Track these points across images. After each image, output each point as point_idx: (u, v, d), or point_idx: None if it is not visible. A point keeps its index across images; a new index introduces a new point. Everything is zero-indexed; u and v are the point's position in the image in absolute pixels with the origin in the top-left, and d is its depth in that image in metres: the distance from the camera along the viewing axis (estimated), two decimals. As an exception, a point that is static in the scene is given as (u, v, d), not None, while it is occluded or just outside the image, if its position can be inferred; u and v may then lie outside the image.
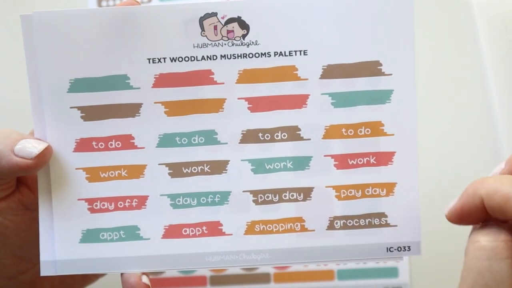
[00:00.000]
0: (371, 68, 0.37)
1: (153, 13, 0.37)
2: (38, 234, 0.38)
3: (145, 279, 0.38)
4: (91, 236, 0.38)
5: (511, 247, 0.31)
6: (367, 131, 0.38)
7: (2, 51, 0.59)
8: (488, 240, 0.31)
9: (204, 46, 0.37)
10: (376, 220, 0.38)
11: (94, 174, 0.38)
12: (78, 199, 0.38)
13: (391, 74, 0.37)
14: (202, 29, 0.37)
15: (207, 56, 0.37)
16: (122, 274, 0.38)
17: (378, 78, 0.38)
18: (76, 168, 0.38)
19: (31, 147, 0.36)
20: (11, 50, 0.58)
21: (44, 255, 0.38)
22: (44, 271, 0.38)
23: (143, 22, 0.37)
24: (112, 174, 0.38)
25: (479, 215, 0.33)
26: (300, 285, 0.58)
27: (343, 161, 0.38)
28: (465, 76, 0.56)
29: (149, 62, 0.37)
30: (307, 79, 0.38)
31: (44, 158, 0.37)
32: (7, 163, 0.36)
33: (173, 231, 0.38)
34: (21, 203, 0.39)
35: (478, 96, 0.56)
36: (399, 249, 0.38)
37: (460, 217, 0.34)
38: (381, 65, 0.37)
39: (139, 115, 0.38)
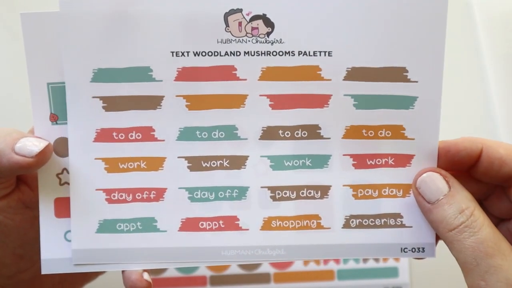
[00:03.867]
0: (397, 74, 0.37)
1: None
2: (38, 232, 0.38)
3: (146, 276, 0.38)
4: (108, 226, 0.38)
5: None
6: (388, 133, 0.38)
7: (3, 51, 0.59)
8: None
9: (228, 41, 0.37)
10: (392, 221, 0.38)
11: (113, 165, 0.38)
12: (96, 189, 0.38)
13: (417, 82, 0.37)
14: (227, 24, 0.37)
15: (231, 52, 0.37)
16: (123, 271, 0.38)
17: (403, 84, 0.37)
18: (96, 158, 0.38)
19: (32, 146, 0.36)
20: (12, 50, 0.58)
21: (45, 254, 0.38)
22: (45, 269, 0.38)
23: (168, 15, 0.37)
24: (131, 165, 0.38)
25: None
26: (300, 285, 0.58)
27: (361, 161, 0.38)
28: (465, 76, 0.56)
29: (173, 55, 0.37)
30: (330, 80, 0.38)
31: (45, 156, 0.37)
32: (8, 161, 0.36)
33: (190, 224, 0.38)
34: (21, 201, 0.39)
35: (478, 96, 0.56)
36: (413, 250, 0.38)
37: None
38: (407, 71, 0.37)
39: (160, 108, 0.38)
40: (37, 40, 0.37)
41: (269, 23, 0.37)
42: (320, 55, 0.37)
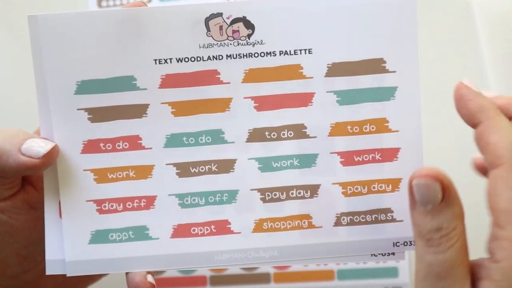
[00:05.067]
0: (376, 66, 0.38)
1: (159, 14, 0.37)
2: (42, 232, 0.38)
3: (150, 278, 0.38)
4: (100, 237, 0.38)
5: None
6: (372, 128, 0.38)
7: (3, 51, 0.58)
8: None
9: (210, 46, 0.37)
10: (382, 216, 0.39)
11: (102, 175, 0.38)
12: (87, 200, 0.38)
13: (395, 71, 0.38)
14: (208, 29, 0.37)
15: (213, 56, 0.37)
16: (127, 273, 0.38)
17: (382, 75, 0.38)
18: (84, 170, 0.38)
19: (38, 147, 0.36)
20: (12, 50, 0.58)
21: (50, 254, 0.38)
22: (50, 270, 0.38)
23: (149, 23, 0.37)
24: (120, 175, 0.38)
25: None
26: (300, 285, 0.58)
27: (349, 158, 0.38)
28: (465, 76, 0.56)
29: (156, 63, 0.37)
30: (312, 78, 0.38)
31: (51, 157, 0.37)
32: (14, 162, 0.36)
33: (181, 231, 0.39)
34: (26, 202, 0.40)
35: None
36: (405, 243, 0.39)
37: None
38: (385, 62, 0.38)
39: (146, 116, 0.38)
40: (43, 42, 0.37)
41: (249, 25, 0.37)
42: (301, 53, 0.38)
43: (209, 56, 0.37)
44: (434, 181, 0.34)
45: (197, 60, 0.37)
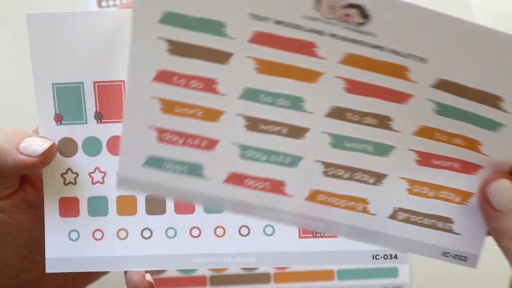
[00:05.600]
0: (490, 100, 0.35)
1: None
2: (41, 232, 0.39)
3: (148, 277, 0.38)
4: (154, 162, 0.37)
5: None
6: (462, 142, 0.37)
7: (3, 51, 0.59)
8: None
9: (314, 19, 0.34)
10: (441, 224, 0.38)
11: (169, 107, 0.36)
12: (148, 126, 0.37)
13: (509, 113, 0.35)
14: (318, 3, 0.34)
15: (315, 30, 0.34)
16: (125, 272, 0.39)
17: (494, 110, 0.35)
18: (152, 97, 0.36)
19: (36, 145, 0.37)
20: (12, 50, 0.58)
21: (50, 252, 0.38)
22: (49, 268, 0.39)
23: None
24: (187, 111, 0.37)
25: None
26: (300, 285, 0.58)
27: (426, 159, 0.37)
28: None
29: (251, 18, 0.34)
30: (416, 82, 0.35)
31: (49, 156, 0.37)
32: (13, 160, 0.36)
33: (236, 178, 0.38)
34: (25, 201, 0.40)
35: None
36: (455, 256, 0.38)
37: None
38: (502, 101, 0.35)
39: (228, 64, 0.36)
40: (42, 41, 0.37)
41: (365, 15, 0.33)
42: (413, 59, 0.35)
43: (310, 28, 0.34)
44: (506, 179, 0.35)
45: (296, 28, 0.34)
